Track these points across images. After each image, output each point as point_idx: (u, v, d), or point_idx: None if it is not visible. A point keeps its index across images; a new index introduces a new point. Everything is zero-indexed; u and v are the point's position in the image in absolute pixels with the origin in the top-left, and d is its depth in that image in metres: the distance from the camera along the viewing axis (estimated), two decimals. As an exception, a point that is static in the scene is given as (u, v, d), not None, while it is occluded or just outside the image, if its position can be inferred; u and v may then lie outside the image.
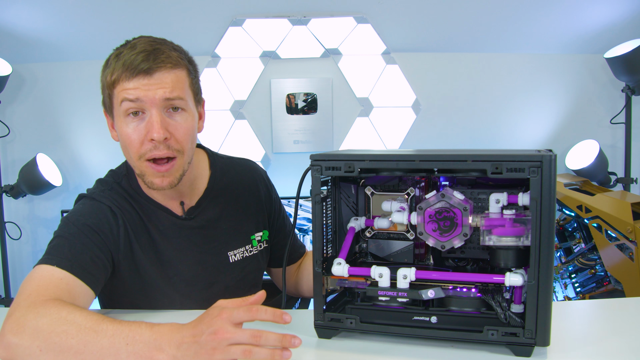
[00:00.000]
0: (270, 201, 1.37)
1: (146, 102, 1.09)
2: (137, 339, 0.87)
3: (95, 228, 1.12)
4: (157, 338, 0.86)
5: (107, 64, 1.13)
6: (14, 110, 2.93)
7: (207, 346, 0.83)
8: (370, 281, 1.01)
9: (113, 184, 1.22)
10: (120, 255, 1.16)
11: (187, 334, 0.85)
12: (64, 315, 0.91)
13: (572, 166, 2.85)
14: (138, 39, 1.13)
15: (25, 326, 0.90)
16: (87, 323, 0.90)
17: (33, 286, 0.99)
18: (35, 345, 0.89)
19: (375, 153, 1.02)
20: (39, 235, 3.04)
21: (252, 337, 0.83)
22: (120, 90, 1.10)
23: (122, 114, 1.11)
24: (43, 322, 0.90)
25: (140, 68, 1.08)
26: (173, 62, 1.11)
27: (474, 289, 0.97)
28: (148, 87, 1.09)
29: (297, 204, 1.09)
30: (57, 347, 0.88)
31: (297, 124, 2.98)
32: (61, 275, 1.02)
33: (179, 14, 2.74)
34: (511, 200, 0.95)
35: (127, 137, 1.12)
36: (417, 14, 2.82)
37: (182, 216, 1.23)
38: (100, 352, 0.88)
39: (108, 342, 0.87)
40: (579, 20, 2.79)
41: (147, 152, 1.11)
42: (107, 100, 1.15)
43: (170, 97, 1.10)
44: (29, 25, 2.70)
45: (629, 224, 2.20)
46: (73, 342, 0.88)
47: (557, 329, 0.95)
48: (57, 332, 0.89)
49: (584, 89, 3.02)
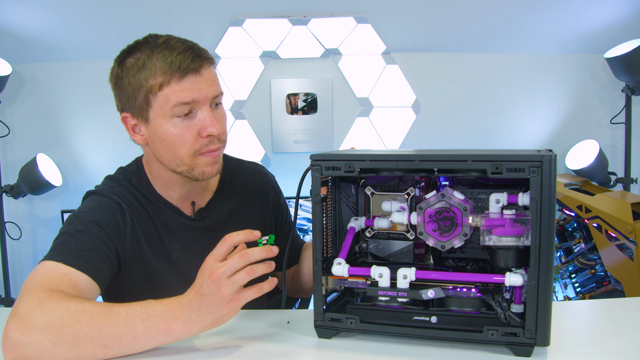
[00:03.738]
0: (278, 206, 1.38)
1: (200, 101, 1.09)
2: (151, 314, 0.92)
3: (102, 224, 1.12)
4: (169, 309, 0.93)
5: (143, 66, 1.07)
6: (14, 110, 2.93)
7: (212, 290, 0.91)
8: (370, 281, 1.01)
9: (123, 181, 1.21)
10: (126, 252, 1.15)
11: (192, 295, 0.93)
12: (73, 307, 0.91)
13: (572, 166, 2.85)
14: (165, 38, 1.10)
15: (32, 324, 0.89)
16: (98, 310, 0.91)
17: (36, 282, 0.98)
18: (47, 340, 0.88)
19: (375, 153, 1.02)
20: (39, 235, 3.04)
21: (241, 258, 0.92)
22: (172, 92, 1.07)
23: (169, 115, 1.09)
24: (53, 316, 0.90)
25: (192, 68, 1.07)
26: (209, 56, 1.12)
27: (474, 289, 0.97)
28: (200, 86, 1.08)
29: (297, 204, 1.09)
30: (71, 338, 0.89)
31: (297, 124, 2.98)
32: (65, 271, 1.01)
33: (179, 14, 2.75)
34: (511, 200, 0.95)
35: (179, 137, 1.10)
36: (417, 14, 2.82)
37: (191, 217, 1.23)
38: (117, 332, 0.90)
39: (123, 322, 0.91)
40: (579, 20, 2.79)
41: (203, 147, 1.11)
42: (141, 103, 1.10)
43: (217, 94, 1.12)
44: (29, 25, 2.70)
45: (629, 224, 2.20)
46: (88, 330, 0.89)
47: (557, 329, 0.96)
48: (70, 323, 0.89)
49: (584, 89, 3.02)
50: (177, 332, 0.93)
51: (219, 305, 0.92)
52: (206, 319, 0.93)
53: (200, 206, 1.25)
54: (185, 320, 0.92)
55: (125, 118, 1.15)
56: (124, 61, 1.11)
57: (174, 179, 1.19)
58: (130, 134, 1.16)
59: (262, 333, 1.06)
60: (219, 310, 0.92)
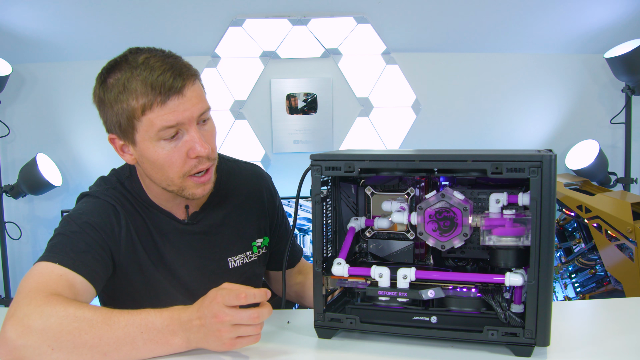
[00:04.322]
0: (273, 208, 1.36)
1: (185, 123, 1.06)
2: (150, 327, 0.93)
3: (96, 226, 1.11)
4: (168, 324, 0.93)
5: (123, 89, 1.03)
6: (14, 110, 2.93)
7: (213, 328, 0.92)
8: (370, 281, 1.01)
9: (116, 184, 1.21)
10: (121, 255, 1.15)
11: (194, 317, 0.93)
12: (72, 312, 0.91)
13: (572, 166, 2.85)
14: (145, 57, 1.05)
15: (31, 327, 0.89)
16: (97, 317, 0.92)
17: (32, 284, 0.98)
18: (45, 344, 0.89)
19: (375, 153, 1.02)
20: (39, 235, 3.04)
21: (250, 318, 0.92)
22: (155, 117, 1.03)
23: (155, 139, 1.06)
24: (51, 321, 0.90)
25: (175, 87, 1.02)
26: (191, 71, 1.08)
27: (474, 289, 0.97)
28: (184, 107, 1.04)
29: (297, 204, 1.09)
30: (70, 345, 0.89)
31: (297, 124, 2.98)
32: (61, 272, 1.01)
33: (179, 14, 2.74)
34: (511, 200, 0.95)
35: (167, 158, 1.07)
36: (417, 14, 2.82)
37: (184, 221, 1.22)
38: (116, 342, 0.91)
39: (123, 333, 0.91)
40: (579, 20, 2.79)
41: (192, 168, 1.09)
42: (125, 125, 1.07)
43: (203, 111, 1.08)
44: (29, 25, 2.70)
45: (629, 224, 2.20)
46: (87, 338, 0.90)
47: (557, 329, 0.96)
48: (69, 330, 0.89)
49: (584, 89, 3.02)
50: (175, 347, 0.94)
51: (215, 342, 0.93)
52: (203, 344, 0.94)
53: (195, 210, 1.23)
54: (184, 338, 0.94)
55: (113, 139, 1.13)
56: (105, 82, 1.07)
57: (165, 192, 1.17)
58: (120, 154, 1.14)
59: (262, 333, 1.06)
60: (214, 345, 0.94)
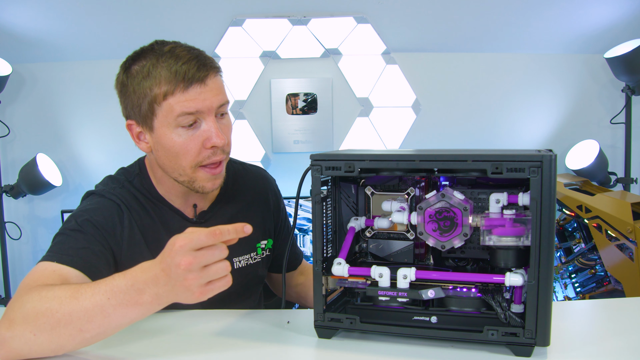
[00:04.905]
0: (278, 210, 1.38)
1: (204, 112, 1.08)
2: (116, 290, 0.87)
3: (97, 224, 1.11)
4: (133, 283, 0.87)
5: (147, 74, 1.07)
6: (14, 110, 2.93)
7: (180, 277, 0.84)
8: (370, 281, 1.01)
9: (124, 182, 1.21)
10: (123, 254, 1.15)
11: (157, 270, 0.86)
12: (44, 294, 0.90)
13: (572, 166, 2.85)
14: (171, 46, 1.09)
15: (14, 318, 0.90)
16: (65, 293, 0.89)
17: (25, 283, 0.98)
18: (27, 331, 0.88)
19: (375, 153, 1.02)
20: (39, 235, 3.04)
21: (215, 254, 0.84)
22: (176, 102, 1.06)
23: (173, 125, 1.08)
24: (28, 307, 0.89)
25: (197, 77, 1.06)
26: (215, 65, 1.11)
27: (474, 289, 0.97)
28: (204, 97, 1.07)
29: (297, 204, 1.09)
30: (47, 326, 0.88)
31: (297, 124, 2.98)
32: (55, 268, 1.01)
33: (179, 14, 2.75)
34: (511, 200, 0.95)
35: (183, 147, 1.09)
36: (417, 14, 2.82)
37: (193, 219, 1.23)
38: (87, 315, 0.87)
39: (90, 303, 0.87)
40: (579, 20, 2.79)
41: (205, 159, 1.11)
42: (146, 111, 1.09)
43: (223, 104, 1.11)
44: (29, 25, 2.70)
45: (629, 224, 2.20)
46: (59, 316, 0.88)
47: (557, 329, 0.95)
48: (42, 311, 0.88)
49: (584, 89, 3.02)
50: (146, 305, 0.88)
51: (185, 293, 0.86)
52: (173, 298, 0.87)
53: (203, 209, 1.24)
54: (152, 295, 0.87)
55: (130, 125, 1.15)
56: (129, 68, 1.11)
57: (176, 186, 1.19)
58: (135, 141, 1.16)
59: (262, 333, 1.06)
60: (184, 296, 0.86)
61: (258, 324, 1.11)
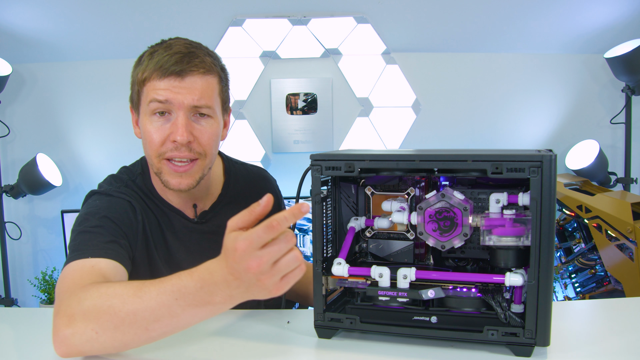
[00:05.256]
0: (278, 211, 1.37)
1: (174, 105, 1.09)
2: (184, 292, 0.84)
3: (116, 220, 1.12)
4: (202, 285, 0.83)
5: (140, 61, 1.13)
6: (14, 110, 2.93)
7: (252, 281, 0.79)
8: (370, 281, 1.01)
9: (128, 182, 1.21)
10: (137, 249, 1.15)
11: (226, 274, 0.81)
12: (104, 291, 0.89)
13: (572, 166, 2.85)
14: (175, 40, 1.13)
15: (73, 314, 0.88)
16: (128, 291, 0.87)
17: (68, 282, 0.97)
18: (89, 329, 0.87)
19: (375, 153, 1.02)
20: (39, 235, 3.04)
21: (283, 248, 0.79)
22: (150, 89, 1.10)
23: (148, 112, 1.11)
24: (87, 304, 0.88)
25: (172, 70, 1.07)
26: (206, 67, 1.11)
27: (474, 289, 0.97)
28: (178, 90, 1.08)
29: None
30: (110, 324, 0.86)
31: (297, 124, 2.98)
32: (92, 263, 1.01)
33: (179, 14, 2.75)
34: (511, 200, 0.95)
35: (149, 135, 1.12)
36: (417, 14, 2.82)
37: (194, 219, 1.23)
38: (152, 314, 0.85)
39: (156, 303, 0.85)
40: (579, 20, 2.79)
41: (167, 151, 1.12)
42: (135, 96, 1.15)
43: (198, 105, 1.10)
44: (29, 25, 2.70)
45: (629, 224, 2.20)
46: (122, 315, 0.86)
47: (557, 329, 0.95)
48: (104, 309, 0.87)
49: (584, 89, 3.02)
50: (219, 305, 0.84)
51: (262, 292, 0.81)
52: (248, 297, 0.83)
53: (204, 209, 1.25)
54: (225, 296, 0.83)
55: (131, 111, 1.20)
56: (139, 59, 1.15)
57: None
58: (133, 126, 1.20)
59: (262, 333, 1.06)
60: (261, 294, 0.82)
61: (258, 324, 1.11)
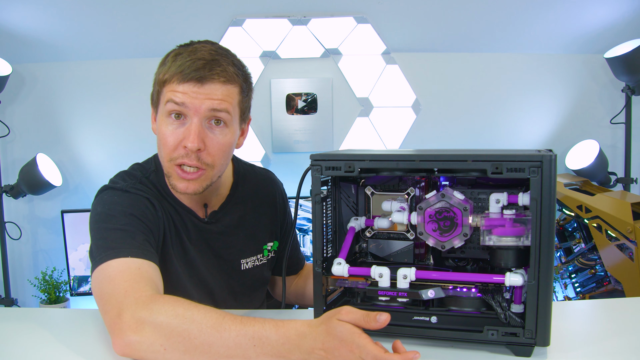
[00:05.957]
0: (284, 214, 1.39)
1: (190, 109, 1.09)
2: (264, 342, 0.86)
3: (142, 217, 1.11)
4: (284, 342, 0.86)
5: (164, 62, 1.13)
6: (14, 110, 2.93)
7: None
8: (370, 281, 1.01)
9: (142, 178, 1.20)
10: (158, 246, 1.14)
11: (317, 347, 0.84)
12: (181, 313, 0.89)
13: (572, 166, 2.85)
14: (202, 44, 1.12)
15: (143, 323, 0.88)
16: (207, 321, 0.88)
17: (120, 281, 0.96)
18: (158, 343, 0.87)
19: (375, 153, 1.02)
20: (39, 235, 3.04)
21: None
22: (169, 90, 1.10)
23: (165, 112, 1.11)
24: (161, 319, 0.88)
25: (193, 76, 1.07)
26: (227, 76, 1.11)
27: (474, 289, 0.97)
28: (196, 96, 1.08)
29: (297, 204, 1.09)
30: (181, 347, 0.87)
31: (297, 124, 2.98)
32: (137, 265, 1.00)
33: (179, 14, 2.74)
34: (511, 200, 0.95)
35: (164, 137, 1.11)
36: (417, 14, 2.82)
37: (204, 219, 1.23)
38: (227, 352, 0.86)
39: (233, 343, 0.86)
40: (579, 20, 2.79)
41: (178, 157, 1.11)
42: (155, 95, 1.16)
43: (216, 109, 1.09)
44: (29, 25, 2.70)
45: (629, 224, 2.20)
46: (197, 343, 0.87)
47: (557, 329, 0.96)
48: (179, 331, 0.87)
49: (584, 89, 3.02)
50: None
51: None
52: None
53: (213, 209, 1.25)
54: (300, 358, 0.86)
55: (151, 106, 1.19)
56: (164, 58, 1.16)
57: None
58: (152, 121, 1.20)
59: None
60: None
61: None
